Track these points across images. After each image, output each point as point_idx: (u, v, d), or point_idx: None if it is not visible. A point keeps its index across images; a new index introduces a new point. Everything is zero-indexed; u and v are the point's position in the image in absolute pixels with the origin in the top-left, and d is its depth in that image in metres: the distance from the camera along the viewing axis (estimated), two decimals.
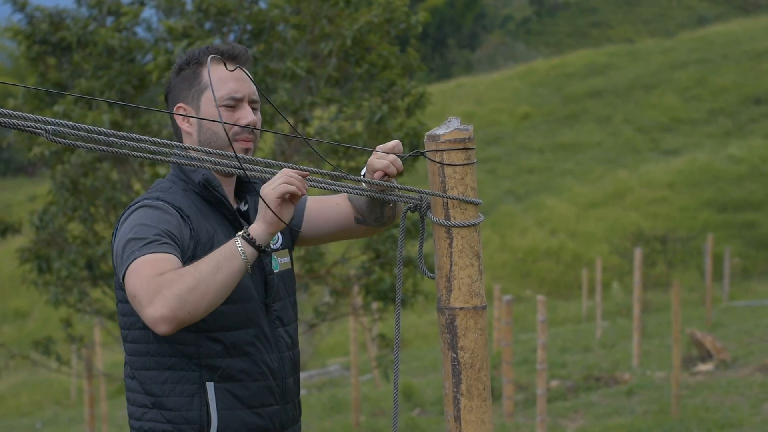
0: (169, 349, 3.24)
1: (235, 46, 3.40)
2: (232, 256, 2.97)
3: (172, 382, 3.25)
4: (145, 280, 2.98)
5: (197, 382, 3.25)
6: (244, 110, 3.35)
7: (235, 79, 3.34)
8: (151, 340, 3.25)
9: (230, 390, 3.27)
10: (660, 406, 11.17)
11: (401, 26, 10.23)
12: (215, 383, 3.25)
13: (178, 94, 3.42)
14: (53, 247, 10.13)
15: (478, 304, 2.81)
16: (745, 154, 37.70)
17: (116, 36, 9.70)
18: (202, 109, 3.36)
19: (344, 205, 3.58)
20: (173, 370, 3.25)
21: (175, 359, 3.24)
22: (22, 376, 25.15)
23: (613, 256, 29.98)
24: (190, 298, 2.92)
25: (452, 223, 2.81)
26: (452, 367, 2.81)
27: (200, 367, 3.25)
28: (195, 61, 3.40)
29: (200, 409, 3.24)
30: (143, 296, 2.95)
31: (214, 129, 3.34)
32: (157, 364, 3.26)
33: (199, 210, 3.31)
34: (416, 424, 11.96)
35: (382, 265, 10.29)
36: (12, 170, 56.90)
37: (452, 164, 2.80)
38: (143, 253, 3.04)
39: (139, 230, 3.13)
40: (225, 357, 3.26)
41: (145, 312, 2.94)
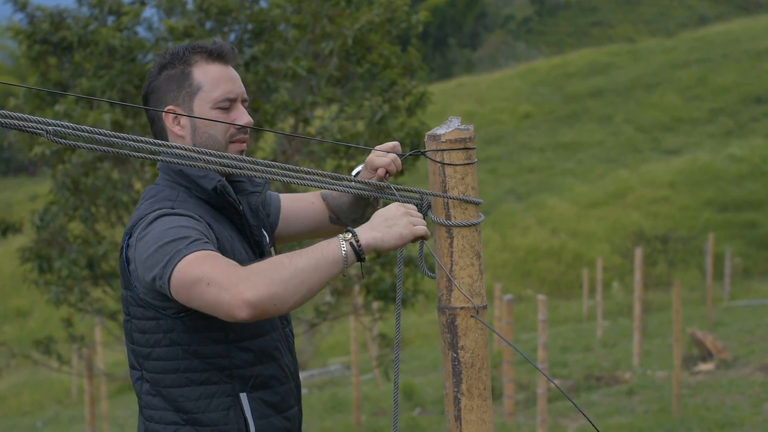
0: (200, 364, 3.13)
1: (222, 43, 3.28)
2: (335, 260, 2.83)
3: (206, 397, 3.14)
4: (220, 266, 2.85)
5: (231, 394, 3.15)
6: (238, 110, 3.25)
7: (228, 78, 3.25)
8: (180, 356, 3.12)
9: (262, 398, 3.20)
10: (661, 406, 11.16)
11: (402, 26, 10.24)
12: (248, 393, 3.17)
13: (164, 96, 3.25)
14: (54, 247, 10.13)
15: (478, 303, 2.82)
16: (746, 153, 37.69)
17: (117, 36, 9.70)
18: (196, 111, 3.22)
19: (319, 203, 3.55)
20: (206, 385, 3.14)
21: (208, 373, 3.13)
22: (23, 376, 25.16)
23: (614, 256, 29.97)
24: (282, 291, 2.78)
25: (453, 222, 2.81)
26: (453, 367, 2.81)
27: (232, 379, 3.15)
28: (182, 61, 3.25)
29: (237, 422, 3.15)
30: (223, 279, 2.80)
31: (211, 132, 3.21)
32: (189, 381, 3.13)
33: (213, 218, 3.19)
34: (417, 423, 11.96)
35: (382, 265, 10.29)
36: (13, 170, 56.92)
37: (453, 164, 2.80)
38: (195, 249, 2.91)
39: (175, 233, 2.97)
40: (256, 365, 3.18)
41: (227, 293, 2.78)
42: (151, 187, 3.28)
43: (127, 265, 3.13)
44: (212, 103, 3.21)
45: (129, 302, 3.17)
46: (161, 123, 3.26)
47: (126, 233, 3.16)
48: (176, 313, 3.09)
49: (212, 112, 3.21)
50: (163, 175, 3.27)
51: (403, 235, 2.84)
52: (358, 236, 2.84)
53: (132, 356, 3.24)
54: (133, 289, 3.11)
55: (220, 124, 3.20)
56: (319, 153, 9.68)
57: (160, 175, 3.28)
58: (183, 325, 3.10)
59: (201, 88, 3.21)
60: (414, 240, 2.86)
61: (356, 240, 2.84)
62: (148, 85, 3.29)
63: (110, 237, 10.33)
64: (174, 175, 3.22)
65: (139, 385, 3.23)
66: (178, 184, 3.21)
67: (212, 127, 3.20)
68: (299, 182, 2.85)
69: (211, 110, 3.21)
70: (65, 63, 10.24)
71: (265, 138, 10.89)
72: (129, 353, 3.26)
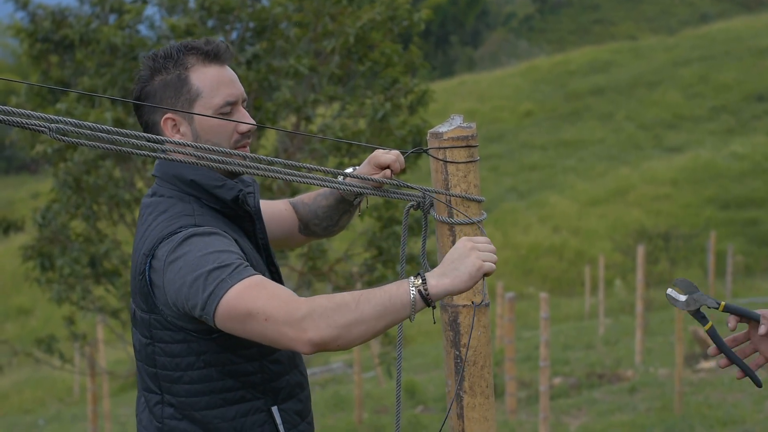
0: (234, 383, 3.05)
1: (216, 43, 3.12)
2: (402, 307, 2.72)
3: (241, 416, 3.07)
4: (275, 298, 2.76)
5: (264, 410, 3.10)
6: (240, 113, 3.11)
7: (227, 81, 3.10)
8: (215, 377, 3.04)
9: (291, 408, 3.16)
10: (663, 403, 11.16)
11: (404, 24, 10.24)
12: (278, 406, 3.12)
13: (161, 103, 3.08)
14: (56, 245, 10.14)
15: (480, 301, 2.82)
16: (748, 151, 37.66)
17: (119, 34, 9.70)
18: (197, 119, 3.06)
19: (290, 212, 3.49)
20: (241, 403, 3.07)
21: (242, 392, 3.06)
22: (25, 374, 25.16)
23: (616, 254, 29.95)
24: (345, 334, 2.70)
25: (455, 220, 2.81)
26: (455, 365, 2.81)
27: (265, 394, 3.09)
28: (177, 64, 3.07)
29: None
30: (283, 315, 2.72)
31: (214, 140, 3.06)
32: (223, 401, 3.05)
33: (230, 229, 3.07)
34: (419, 421, 11.96)
35: (384, 263, 10.29)
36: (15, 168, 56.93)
37: (455, 162, 2.80)
38: (240, 278, 2.80)
39: (213, 258, 2.85)
40: (284, 375, 3.14)
41: (291, 331, 2.70)
42: (156, 199, 3.11)
43: (151, 288, 2.98)
44: (214, 110, 3.06)
45: (153, 326, 3.04)
46: (156, 129, 3.10)
47: (146, 254, 2.99)
48: (209, 335, 3.00)
49: (215, 120, 3.07)
50: (165, 183, 3.12)
51: (472, 275, 2.70)
52: (428, 283, 2.71)
53: (151, 381, 3.12)
54: (159, 313, 3.00)
55: (223, 131, 3.07)
56: (321, 150, 9.68)
57: (160, 183, 3.13)
58: (217, 346, 3.02)
59: (200, 94, 3.06)
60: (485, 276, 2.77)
61: (425, 288, 2.70)
62: (140, 90, 3.12)
63: (112, 235, 10.33)
64: (182, 185, 3.08)
65: (160, 410, 3.11)
66: (188, 194, 3.07)
67: (215, 136, 3.06)
68: (301, 180, 2.85)
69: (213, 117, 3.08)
70: (67, 61, 10.25)
71: (267, 136, 10.89)
72: (147, 378, 3.14)
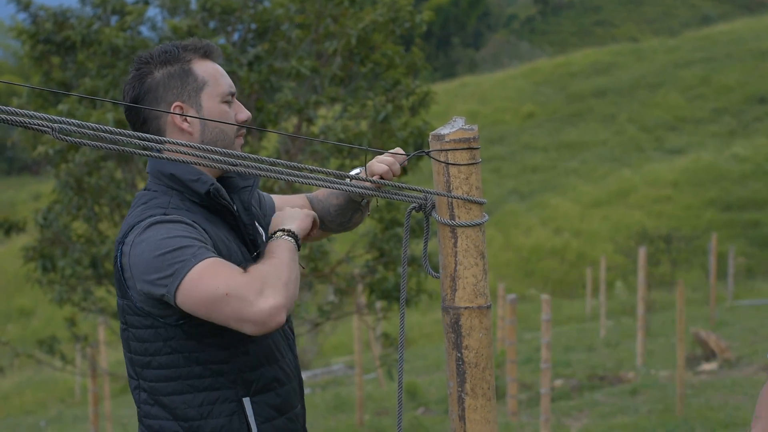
0: (202, 370, 3.10)
1: (207, 42, 3.28)
2: (294, 249, 3.08)
3: (209, 404, 3.11)
4: (236, 277, 2.90)
5: (234, 400, 3.13)
6: (237, 105, 3.29)
7: (224, 74, 3.28)
8: (181, 364, 3.09)
9: (266, 401, 3.18)
10: (664, 405, 11.15)
11: (406, 25, 10.24)
12: (251, 397, 3.15)
13: (166, 93, 3.20)
14: (57, 246, 10.14)
15: (482, 303, 2.81)
16: (750, 153, 37.67)
17: (121, 35, 9.70)
18: (204, 105, 3.20)
19: (307, 207, 3.55)
20: (209, 391, 3.11)
21: (211, 379, 3.11)
22: (27, 375, 25.18)
23: (618, 255, 29.96)
24: (292, 286, 2.95)
25: (457, 222, 2.81)
26: (457, 366, 2.81)
27: (235, 384, 3.13)
28: (178, 59, 3.22)
29: (240, 427, 3.14)
30: (246, 291, 2.86)
31: (222, 126, 3.20)
32: (191, 387, 3.11)
33: (207, 221, 3.16)
34: (420, 423, 11.95)
35: (386, 264, 10.29)
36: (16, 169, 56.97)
37: (457, 164, 2.80)
38: (201, 258, 2.93)
39: (175, 242, 2.97)
40: (257, 368, 3.17)
41: (257, 306, 2.84)
42: (143, 192, 3.24)
43: (122, 273, 3.08)
44: (220, 97, 3.22)
45: (125, 311, 3.12)
46: (157, 122, 3.21)
47: (118, 241, 3.11)
48: (176, 321, 3.06)
49: (222, 106, 3.22)
50: (153, 179, 3.22)
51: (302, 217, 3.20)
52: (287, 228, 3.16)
53: (129, 365, 3.21)
54: (130, 298, 3.08)
55: (230, 118, 3.22)
56: (322, 152, 9.69)
57: (150, 179, 3.24)
58: (183, 333, 3.07)
59: (206, 82, 3.21)
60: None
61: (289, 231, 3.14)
62: (141, 86, 3.23)
63: (113, 236, 10.33)
64: (165, 179, 3.18)
65: (137, 394, 3.20)
66: (171, 188, 3.18)
67: (222, 126, 3.21)
68: (303, 181, 2.85)
69: (221, 104, 3.22)
70: (68, 63, 10.25)
71: (269, 137, 10.90)
72: (126, 362, 3.23)
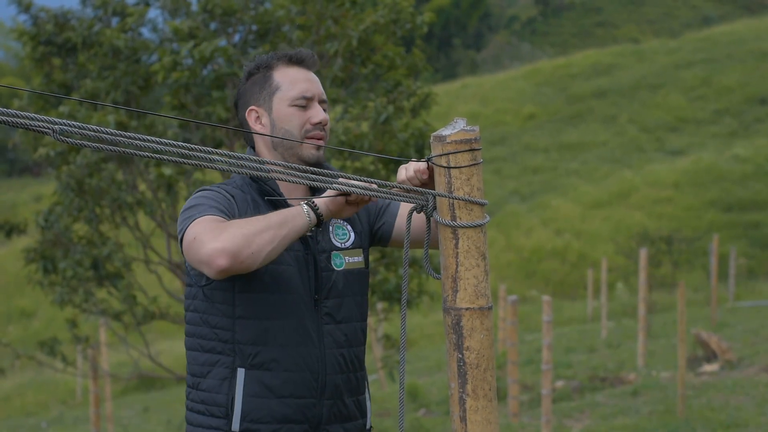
0: (209, 332, 3.39)
1: (302, 50, 3.55)
2: (298, 215, 3.18)
3: (209, 365, 3.39)
4: (209, 223, 3.18)
5: (230, 367, 3.35)
6: (314, 109, 3.50)
7: (306, 79, 3.51)
8: (197, 322, 3.42)
9: (260, 378, 3.35)
10: (665, 407, 11.15)
11: (407, 27, 10.24)
12: (246, 369, 3.35)
13: (249, 98, 3.55)
14: (58, 248, 10.14)
15: (483, 304, 2.81)
16: (750, 153, 37.67)
17: (121, 37, 9.71)
18: (275, 108, 3.49)
19: None
20: (211, 353, 3.39)
21: (214, 342, 3.38)
22: (28, 376, 25.18)
23: (619, 256, 29.97)
24: (256, 240, 3.10)
25: (458, 223, 2.81)
26: (458, 368, 2.81)
27: (234, 353, 3.36)
28: (264, 66, 3.54)
29: (228, 394, 3.35)
30: (207, 234, 3.13)
31: (287, 127, 3.48)
32: (199, 346, 3.41)
33: (253, 201, 3.45)
34: (422, 424, 11.94)
35: (387, 266, 10.29)
36: (17, 170, 57.00)
37: (458, 165, 2.80)
38: (203, 214, 3.24)
39: (198, 201, 3.33)
40: (257, 344, 3.36)
41: (208, 246, 3.09)
42: None
43: None
44: (290, 101, 3.48)
45: (186, 269, 3.49)
46: (247, 125, 3.57)
47: None
48: (200, 282, 3.41)
49: (290, 109, 3.49)
50: None
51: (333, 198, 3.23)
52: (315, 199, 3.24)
53: None
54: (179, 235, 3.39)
55: (295, 120, 3.48)
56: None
57: None
58: (203, 294, 3.41)
59: (279, 87, 3.50)
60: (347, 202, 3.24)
61: (312, 201, 3.22)
62: (237, 92, 3.62)
63: (114, 238, 10.34)
64: None
65: None
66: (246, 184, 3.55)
67: (288, 123, 3.48)
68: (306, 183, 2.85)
69: (289, 107, 3.49)
70: (69, 64, 10.26)
71: None
72: None
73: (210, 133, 9.74)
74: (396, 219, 3.68)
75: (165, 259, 10.54)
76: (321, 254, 3.49)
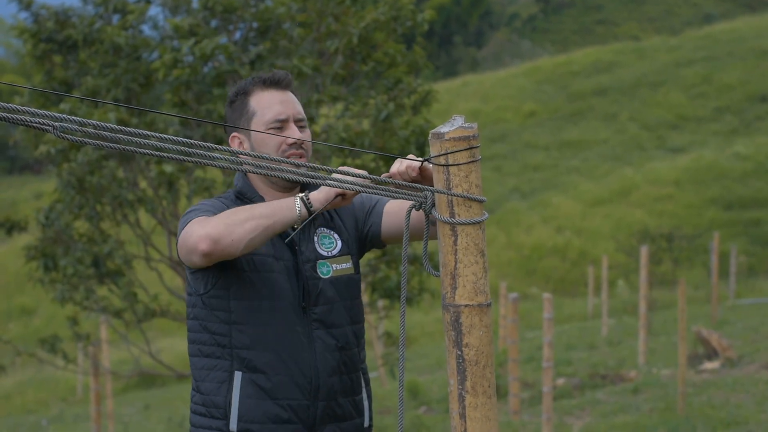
0: (209, 338, 3.57)
1: (277, 72, 3.71)
2: (288, 208, 3.34)
3: (208, 369, 3.57)
4: (200, 217, 3.43)
5: (228, 371, 3.54)
6: (290, 129, 3.65)
7: (280, 102, 3.67)
8: (197, 329, 3.60)
9: (255, 381, 3.53)
10: (666, 404, 11.15)
11: (407, 24, 10.24)
12: (243, 373, 3.53)
13: (231, 123, 3.73)
14: (59, 245, 10.14)
15: (482, 301, 2.82)
16: (751, 151, 37.65)
17: (122, 34, 9.71)
18: (253, 133, 3.66)
19: None
20: (210, 358, 3.58)
21: (213, 348, 3.57)
22: (28, 374, 25.19)
23: (619, 254, 29.96)
24: (237, 229, 3.30)
25: (457, 220, 2.81)
26: (457, 365, 2.81)
27: (232, 357, 3.54)
28: (242, 92, 3.70)
29: (226, 396, 3.53)
30: (196, 225, 3.37)
31: (265, 151, 3.63)
32: (200, 351, 3.60)
33: None
34: (422, 421, 11.95)
35: (388, 263, 10.29)
36: (18, 168, 57.00)
37: (457, 162, 2.81)
38: (200, 215, 3.47)
39: (196, 207, 3.57)
40: (251, 349, 3.54)
41: (194, 235, 3.34)
42: None
43: None
44: (265, 125, 3.65)
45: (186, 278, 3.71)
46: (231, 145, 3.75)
47: None
48: (198, 291, 3.59)
49: (266, 132, 3.64)
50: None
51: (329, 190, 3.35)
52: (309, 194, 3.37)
53: None
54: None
55: (272, 143, 3.63)
56: (324, 151, 9.69)
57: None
58: (201, 302, 3.58)
59: (255, 113, 3.67)
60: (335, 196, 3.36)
61: (306, 195, 3.35)
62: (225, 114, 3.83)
63: (115, 235, 10.34)
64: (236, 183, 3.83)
65: None
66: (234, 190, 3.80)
67: (266, 147, 3.64)
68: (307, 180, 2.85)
69: (267, 130, 3.64)
70: (70, 61, 10.26)
71: None
72: None
73: (211, 131, 9.74)
74: (382, 218, 3.77)
75: (166, 257, 10.54)
76: (306, 264, 3.64)
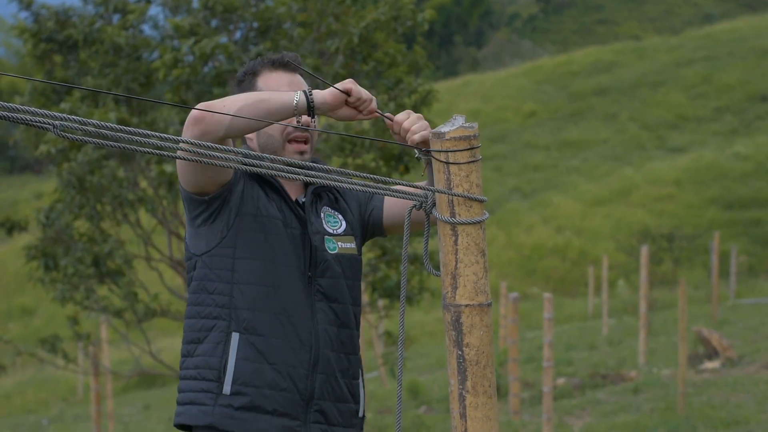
0: (207, 298, 3.54)
1: (285, 54, 3.69)
2: (285, 95, 3.28)
3: (206, 330, 3.53)
4: None
5: (225, 331, 3.50)
6: None
7: (288, 83, 3.64)
8: (196, 290, 3.58)
9: (253, 343, 3.49)
10: (666, 404, 11.15)
11: (408, 24, 10.23)
12: (241, 334, 3.50)
13: None
14: (60, 245, 10.14)
15: (483, 301, 2.82)
16: (751, 151, 37.64)
17: (123, 34, 9.71)
18: None
19: None
20: (209, 319, 3.54)
21: (211, 308, 3.53)
22: (29, 374, 25.19)
23: (620, 254, 29.96)
24: (230, 99, 3.28)
25: (457, 220, 2.81)
26: (458, 364, 2.81)
27: (230, 318, 3.51)
28: (251, 72, 3.70)
29: (222, 357, 3.49)
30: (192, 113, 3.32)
31: (270, 132, 3.62)
32: (197, 313, 3.56)
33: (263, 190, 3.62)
34: (422, 421, 11.96)
35: (388, 263, 10.29)
36: (18, 168, 57.01)
37: (457, 162, 2.80)
38: None
39: None
40: (251, 309, 3.51)
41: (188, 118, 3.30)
42: None
43: None
44: None
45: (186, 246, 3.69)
46: None
47: None
48: (200, 253, 3.58)
49: None
50: None
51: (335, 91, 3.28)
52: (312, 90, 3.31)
53: None
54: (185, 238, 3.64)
55: (276, 126, 3.57)
56: (324, 151, 9.69)
57: None
58: (202, 263, 3.57)
59: None
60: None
61: (309, 90, 3.30)
62: None
63: (116, 235, 10.34)
64: None
65: None
66: None
67: (270, 128, 3.59)
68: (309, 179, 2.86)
69: None
70: (70, 61, 10.26)
71: None
72: None
73: None
74: (384, 204, 3.78)
75: (166, 257, 10.54)
76: (315, 235, 3.63)
